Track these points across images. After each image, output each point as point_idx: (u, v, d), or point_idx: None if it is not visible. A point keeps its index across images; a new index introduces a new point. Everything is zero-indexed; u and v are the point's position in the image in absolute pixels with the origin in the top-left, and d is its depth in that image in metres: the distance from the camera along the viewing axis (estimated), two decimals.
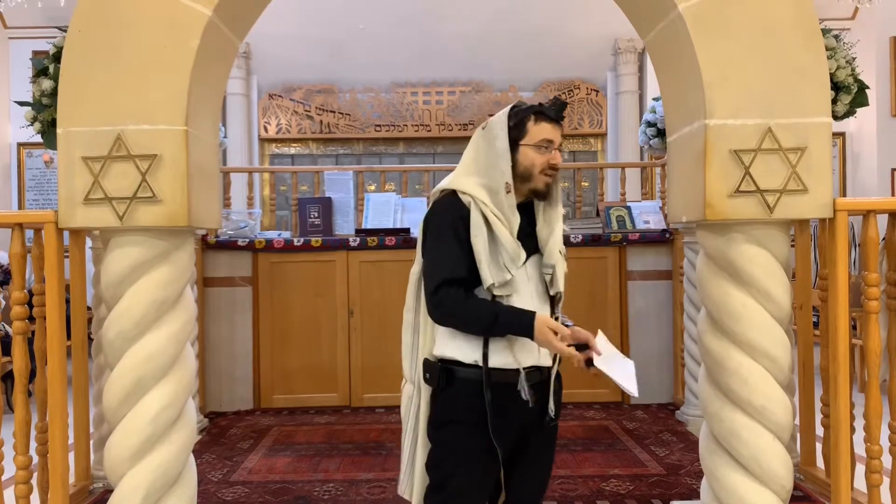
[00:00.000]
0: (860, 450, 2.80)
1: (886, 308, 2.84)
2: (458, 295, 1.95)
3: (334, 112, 9.53)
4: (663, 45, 2.60)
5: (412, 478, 2.13)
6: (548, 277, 2.04)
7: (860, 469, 2.85)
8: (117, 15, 2.33)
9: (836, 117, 3.58)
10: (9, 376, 5.31)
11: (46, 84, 3.40)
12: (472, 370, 1.98)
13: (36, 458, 2.82)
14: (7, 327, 5.20)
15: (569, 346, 1.93)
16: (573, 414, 4.92)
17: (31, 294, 2.77)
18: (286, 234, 5.48)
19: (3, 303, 5.52)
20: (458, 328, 2.00)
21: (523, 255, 1.98)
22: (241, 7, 2.60)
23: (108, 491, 2.99)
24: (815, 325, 3.80)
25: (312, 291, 5.24)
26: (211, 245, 5.13)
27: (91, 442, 3.50)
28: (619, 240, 5.23)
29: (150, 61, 2.33)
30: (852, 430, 2.70)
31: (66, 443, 2.59)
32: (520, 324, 1.93)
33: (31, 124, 3.56)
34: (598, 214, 5.60)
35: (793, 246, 3.04)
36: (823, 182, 2.36)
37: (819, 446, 3.43)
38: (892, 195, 8.01)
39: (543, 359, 2.03)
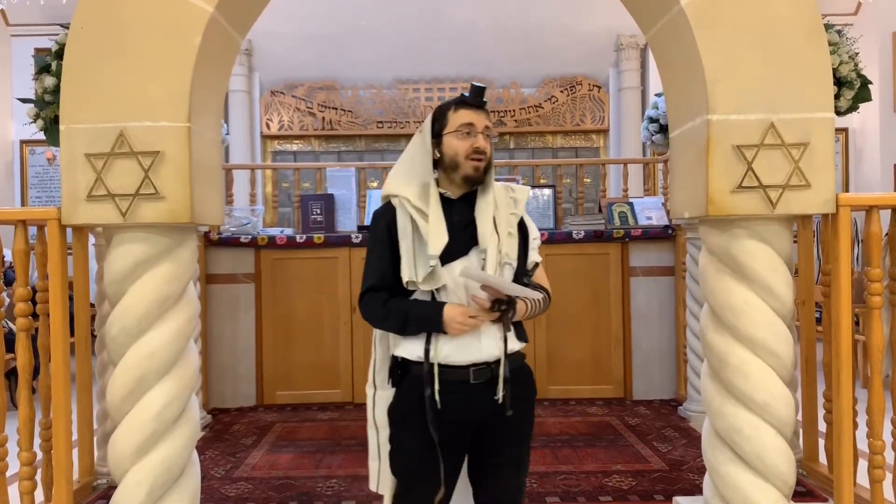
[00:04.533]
0: (863, 445, 2.80)
1: (889, 303, 2.84)
2: (376, 299, 2.06)
3: (336, 109, 9.52)
4: (665, 40, 2.60)
5: (387, 473, 2.16)
6: (482, 264, 2.02)
7: (863, 465, 2.85)
8: (119, 12, 2.33)
9: (838, 113, 3.57)
10: (13, 373, 5.32)
11: (49, 81, 3.40)
12: (419, 367, 2.01)
13: (40, 455, 2.83)
14: (11, 324, 5.21)
15: (490, 308, 1.96)
16: (576, 410, 4.93)
17: (34, 291, 2.78)
18: (289, 231, 5.48)
19: (7, 300, 5.53)
20: (382, 329, 2.12)
21: (440, 242, 1.98)
22: (243, 4, 2.60)
23: (112, 487, 3.00)
24: (818, 320, 3.80)
25: (315, 288, 5.25)
26: (214, 242, 5.14)
27: (95, 438, 3.51)
28: (622, 236, 5.23)
29: (153, 58, 2.33)
30: (855, 425, 2.70)
31: (70, 439, 2.59)
32: (429, 318, 1.98)
33: (34, 121, 3.56)
34: (600, 210, 5.60)
35: (795, 241, 3.04)
36: (826, 177, 2.35)
37: (822, 442, 3.43)
38: (895, 190, 8.00)
39: (488, 352, 2.01)
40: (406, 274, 2.00)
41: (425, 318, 1.99)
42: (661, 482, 3.50)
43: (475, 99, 2.07)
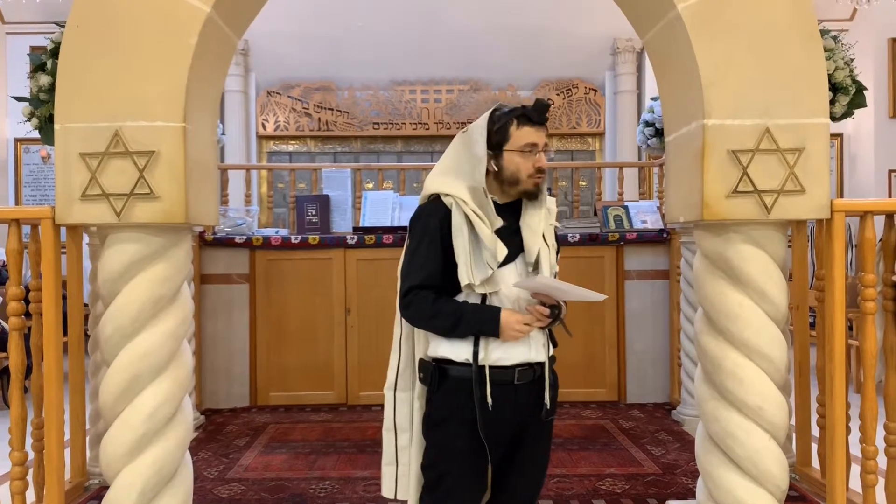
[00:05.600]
0: (855, 450, 2.81)
1: (882, 309, 2.84)
2: (425, 297, 2.00)
3: (332, 110, 9.51)
4: (662, 44, 2.60)
5: (408, 478, 2.14)
6: (528, 273, 2.04)
7: (855, 469, 2.86)
8: (116, 11, 2.33)
9: (833, 118, 3.58)
10: (5, 372, 5.31)
11: (44, 80, 3.39)
12: (464, 368, 2.00)
13: (31, 455, 2.82)
14: (3, 323, 5.19)
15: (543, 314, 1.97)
16: (570, 413, 4.93)
17: (27, 290, 2.77)
18: (284, 232, 5.48)
19: (0, 299, 5.52)
20: (427, 329, 2.07)
21: (504, 250, 1.98)
22: (239, 4, 2.59)
23: (104, 488, 2.98)
24: (812, 325, 3.81)
25: (309, 289, 5.24)
26: (208, 242, 5.13)
27: (87, 438, 3.49)
28: (617, 239, 5.24)
29: (149, 58, 2.32)
30: (848, 430, 2.70)
31: (62, 439, 2.58)
32: (486, 321, 1.97)
33: (29, 120, 3.54)
34: (595, 214, 5.61)
35: (790, 246, 3.04)
36: (821, 183, 2.36)
37: (815, 446, 3.44)
38: (890, 196, 8.03)
39: (535, 354, 2.03)
40: (464, 276, 1.97)
41: (480, 321, 1.97)
42: (655, 486, 3.50)
43: (540, 117, 2.04)
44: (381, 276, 5.13)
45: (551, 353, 2.10)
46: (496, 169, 2.04)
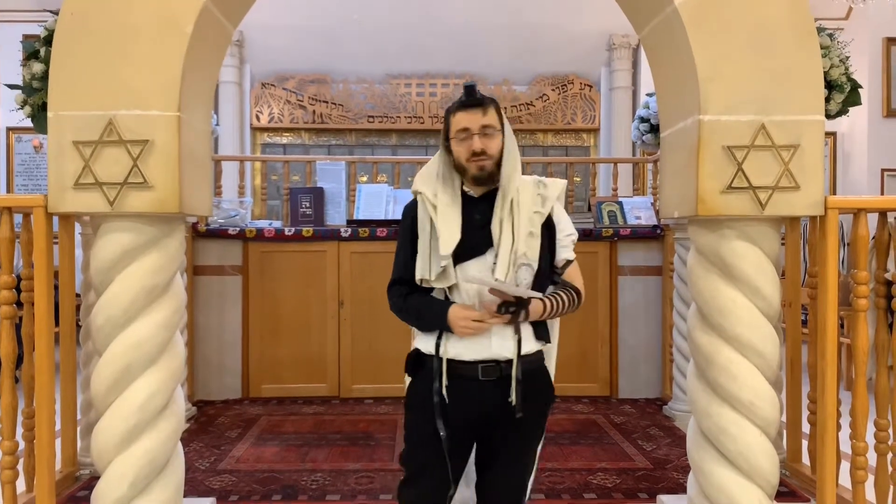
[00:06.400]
0: (846, 447, 2.82)
1: (874, 306, 2.85)
2: (398, 293, 2.12)
3: (327, 102, 9.48)
4: (658, 40, 2.60)
5: None
6: (492, 267, 2.02)
7: (845, 466, 2.87)
8: None
9: (828, 116, 3.59)
10: None
11: (37, 67, 3.36)
12: (431, 359, 2.06)
13: (22, 444, 2.81)
14: None
15: (497, 311, 1.96)
16: (561, 407, 4.94)
17: (19, 279, 2.75)
18: (277, 224, 5.46)
19: None
20: (404, 321, 2.17)
21: (451, 242, 2.00)
22: None
23: (95, 478, 2.98)
24: (804, 322, 3.82)
25: (303, 281, 5.23)
26: (201, 233, 5.11)
27: (78, 429, 3.48)
28: (611, 235, 5.24)
29: (144, 46, 2.31)
30: (838, 427, 2.71)
31: (53, 429, 2.57)
32: (438, 318, 2.02)
33: (21, 108, 3.52)
34: (589, 209, 5.61)
35: (783, 243, 3.05)
36: (815, 180, 2.37)
37: (805, 443, 3.45)
38: (882, 195, 8.06)
39: (498, 351, 2.03)
40: (419, 271, 2.04)
41: (434, 317, 2.04)
42: (646, 480, 3.52)
43: (467, 99, 2.08)
44: (374, 270, 5.12)
45: (531, 349, 2.08)
46: (451, 160, 2.11)
